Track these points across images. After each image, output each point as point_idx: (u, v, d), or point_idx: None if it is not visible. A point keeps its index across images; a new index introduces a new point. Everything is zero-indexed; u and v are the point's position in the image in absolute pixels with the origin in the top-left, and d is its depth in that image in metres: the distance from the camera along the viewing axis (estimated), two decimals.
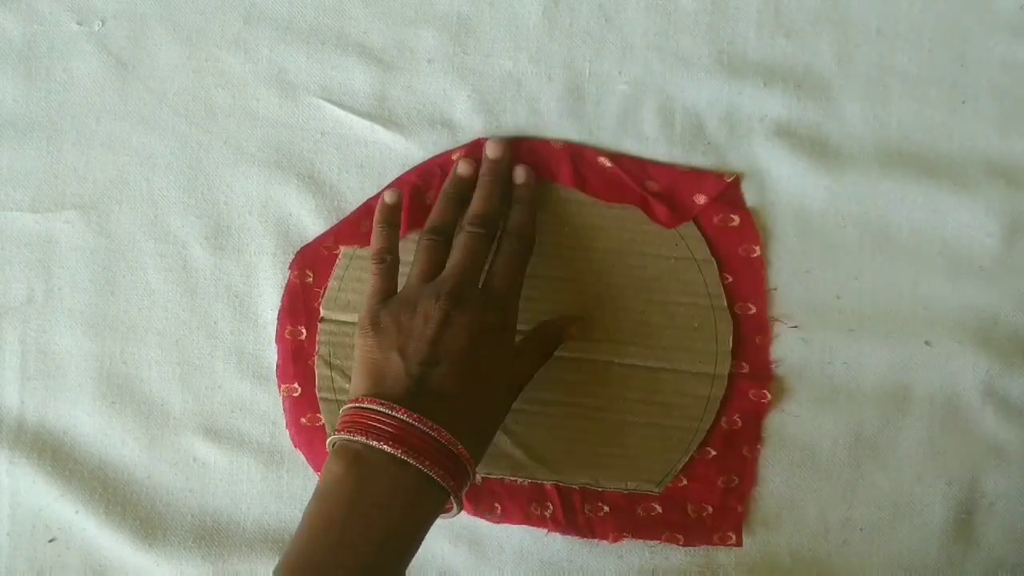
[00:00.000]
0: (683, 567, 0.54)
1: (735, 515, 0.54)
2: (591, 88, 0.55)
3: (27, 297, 0.54)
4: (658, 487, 0.53)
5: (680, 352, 0.54)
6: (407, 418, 0.43)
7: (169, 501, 0.53)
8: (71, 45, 0.55)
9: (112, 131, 0.55)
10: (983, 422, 0.55)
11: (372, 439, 0.43)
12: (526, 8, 0.55)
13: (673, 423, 0.54)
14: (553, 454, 0.53)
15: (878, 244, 0.54)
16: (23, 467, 0.53)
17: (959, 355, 0.54)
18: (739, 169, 0.54)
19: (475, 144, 0.54)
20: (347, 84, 0.55)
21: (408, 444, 0.43)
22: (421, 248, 0.50)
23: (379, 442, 0.43)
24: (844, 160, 0.54)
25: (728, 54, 0.55)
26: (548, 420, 0.53)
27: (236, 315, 0.54)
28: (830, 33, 0.55)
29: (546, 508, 0.53)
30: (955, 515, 0.54)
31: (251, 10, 0.55)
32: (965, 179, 0.55)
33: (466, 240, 0.50)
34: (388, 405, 0.43)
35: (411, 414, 0.43)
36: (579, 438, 0.53)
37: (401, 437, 0.43)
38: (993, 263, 0.55)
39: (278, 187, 0.55)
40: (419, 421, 0.43)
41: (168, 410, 0.54)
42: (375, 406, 0.44)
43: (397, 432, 0.43)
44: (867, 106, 0.55)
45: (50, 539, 0.53)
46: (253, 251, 0.54)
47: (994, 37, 0.55)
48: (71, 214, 0.54)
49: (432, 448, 0.43)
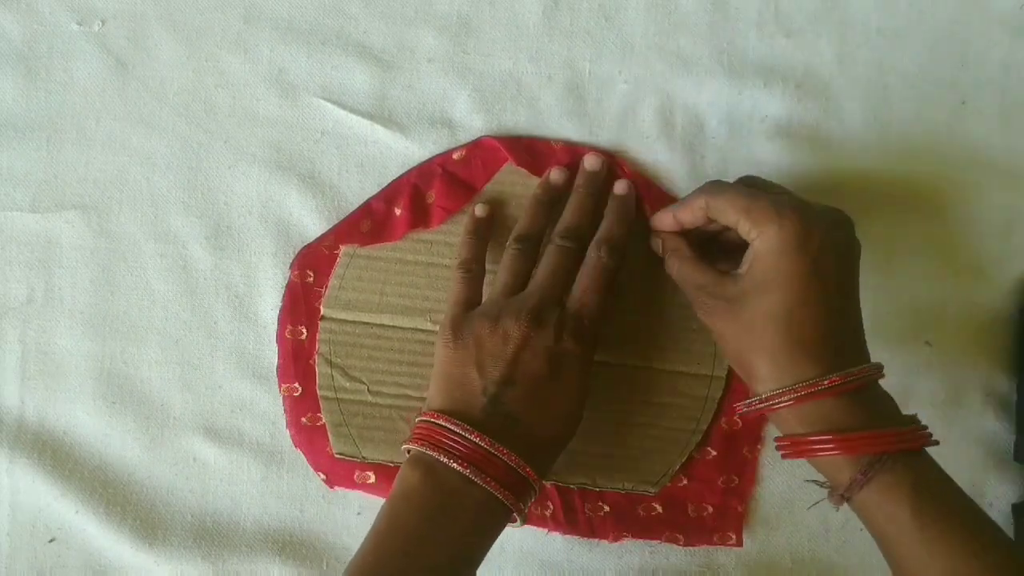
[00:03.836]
0: (683, 567, 0.54)
1: (735, 515, 0.54)
2: (591, 88, 0.55)
3: (27, 297, 0.54)
4: (654, 488, 0.53)
5: (678, 353, 0.54)
6: (479, 441, 0.44)
7: (169, 501, 0.53)
8: (71, 45, 0.55)
9: (112, 131, 0.55)
10: (983, 422, 0.55)
11: (444, 456, 0.44)
12: (526, 8, 0.55)
13: (670, 424, 0.54)
14: None
15: (878, 244, 0.54)
16: (23, 467, 0.53)
17: (959, 355, 0.54)
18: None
19: (477, 143, 0.54)
20: (347, 84, 0.55)
21: (478, 465, 0.44)
22: (507, 257, 0.50)
23: (451, 460, 0.44)
24: (844, 160, 0.55)
25: (728, 54, 0.55)
26: None
27: (236, 315, 0.54)
28: (830, 33, 0.55)
29: (546, 508, 0.53)
30: None
31: (251, 10, 0.55)
32: (965, 179, 0.55)
33: (554, 254, 0.50)
34: (462, 427, 0.45)
35: (483, 437, 0.44)
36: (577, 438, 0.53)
37: (472, 458, 0.44)
38: (993, 263, 0.55)
39: (278, 187, 0.55)
40: (490, 445, 0.44)
41: (168, 410, 0.54)
42: (450, 425, 0.45)
43: (469, 452, 0.44)
44: (867, 106, 0.55)
45: (50, 539, 0.53)
46: (253, 251, 0.54)
47: (994, 37, 0.55)
48: (71, 214, 0.54)
49: (501, 470, 0.44)
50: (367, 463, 0.53)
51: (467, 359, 0.47)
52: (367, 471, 0.53)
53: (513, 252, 0.50)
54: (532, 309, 0.47)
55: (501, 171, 0.54)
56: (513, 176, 0.54)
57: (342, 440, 0.53)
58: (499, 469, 0.44)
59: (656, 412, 0.53)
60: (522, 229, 0.51)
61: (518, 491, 0.45)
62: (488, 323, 0.47)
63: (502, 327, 0.47)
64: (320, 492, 0.54)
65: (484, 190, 0.54)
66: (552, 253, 0.50)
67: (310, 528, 0.54)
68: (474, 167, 0.54)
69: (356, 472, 0.53)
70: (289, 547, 0.53)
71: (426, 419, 0.46)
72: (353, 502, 0.54)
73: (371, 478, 0.53)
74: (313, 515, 0.54)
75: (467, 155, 0.54)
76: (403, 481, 0.45)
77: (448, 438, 0.45)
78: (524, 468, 0.45)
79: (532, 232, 0.51)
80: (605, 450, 0.53)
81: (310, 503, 0.54)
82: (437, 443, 0.45)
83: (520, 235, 0.51)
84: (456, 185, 0.54)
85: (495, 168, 0.54)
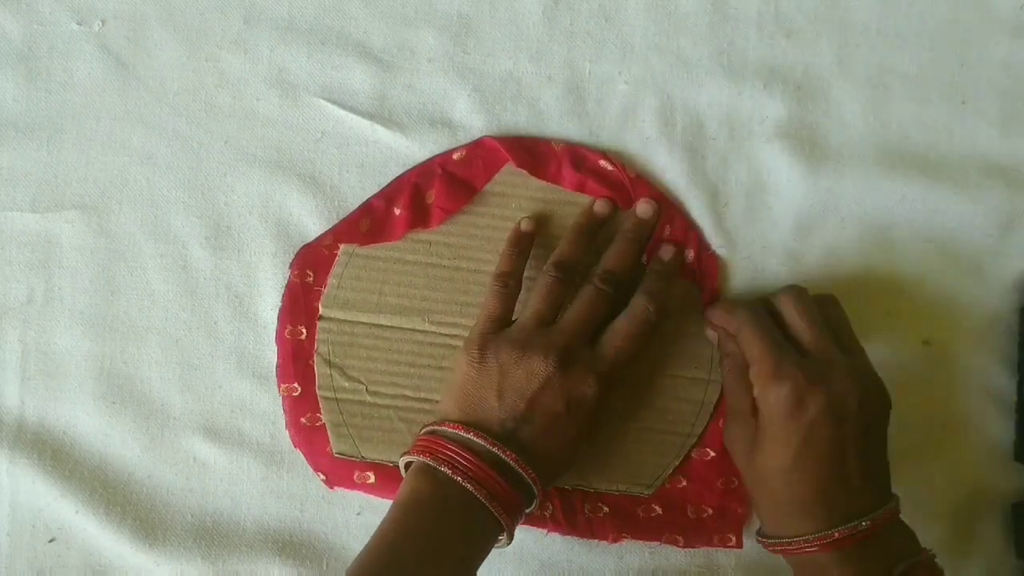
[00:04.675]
0: (683, 567, 0.54)
1: (735, 517, 0.54)
2: (591, 88, 0.55)
3: (27, 297, 0.54)
4: (649, 490, 0.53)
5: (674, 357, 0.53)
6: (500, 453, 0.45)
7: (169, 501, 0.53)
8: (71, 45, 0.55)
9: (112, 131, 0.55)
10: (983, 421, 0.55)
11: (457, 473, 0.45)
12: (526, 8, 0.55)
13: (666, 427, 0.53)
14: None
15: (878, 244, 0.54)
16: (23, 467, 0.53)
17: (959, 355, 0.54)
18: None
19: (477, 143, 0.54)
20: (347, 84, 0.55)
21: (483, 483, 0.45)
22: (543, 284, 0.50)
23: (464, 480, 0.45)
24: (844, 160, 0.55)
25: (728, 54, 0.55)
26: None
27: (236, 315, 0.54)
28: (830, 33, 0.55)
29: (546, 508, 0.53)
30: (955, 515, 0.54)
31: (251, 10, 0.55)
32: (965, 179, 0.55)
33: (591, 295, 0.50)
34: (484, 437, 0.46)
35: (505, 450, 0.45)
36: None
37: (479, 476, 0.45)
38: (992, 263, 0.55)
39: (278, 187, 0.55)
40: (512, 459, 0.45)
41: (168, 410, 0.54)
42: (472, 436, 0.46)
43: (476, 471, 0.45)
44: (867, 106, 0.55)
45: (50, 539, 0.53)
46: (253, 251, 0.54)
47: (994, 37, 0.55)
48: (71, 214, 0.54)
49: (503, 491, 0.45)
50: (366, 463, 0.53)
51: (489, 385, 0.47)
52: (367, 471, 0.53)
53: (550, 280, 0.50)
54: (562, 350, 0.47)
55: (501, 172, 0.54)
56: (513, 177, 0.54)
57: (342, 440, 0.53)
58: (501, 490, 0.45)
59: (652, 415, 0.53)
60: (562, 256, 0.51)
61: (512, 512, 0.46)
62: (516, 353, 0.47)
63: (528, 362, 0.47)
64: (320, 492, 0.54)
65: (484, 191, 0.54)
66: (589, 294, 0.50)
67: (310, 528, 0.54)
68: (474, 167, 0.54)
69: (356, 472, 0.53)
70: (289, 547, 0.53)
71: (443, 429, 0.47)
72: (353, 502, 0.54)
73: (371, 478, 0.53)
74: (313, 515, 0.54)
75: (467, 155, 0.54)
76: (408, 491, 0.46)
77: (461, 455, 0.45)
78: (537, 484, 0.46)
79: (572, 261, 0.51)
80: (600, 452, 0.53)
81: (310, 503, 0.54)
82: (450, 459, 0.45)
83: (559, 262, 0.51)
84: (456, 185, 0.54)
85: (495, 168, 0.54)
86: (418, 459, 0.46)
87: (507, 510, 0.45)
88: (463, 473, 0.45)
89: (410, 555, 0.44)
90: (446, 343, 0.53)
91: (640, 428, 0.53)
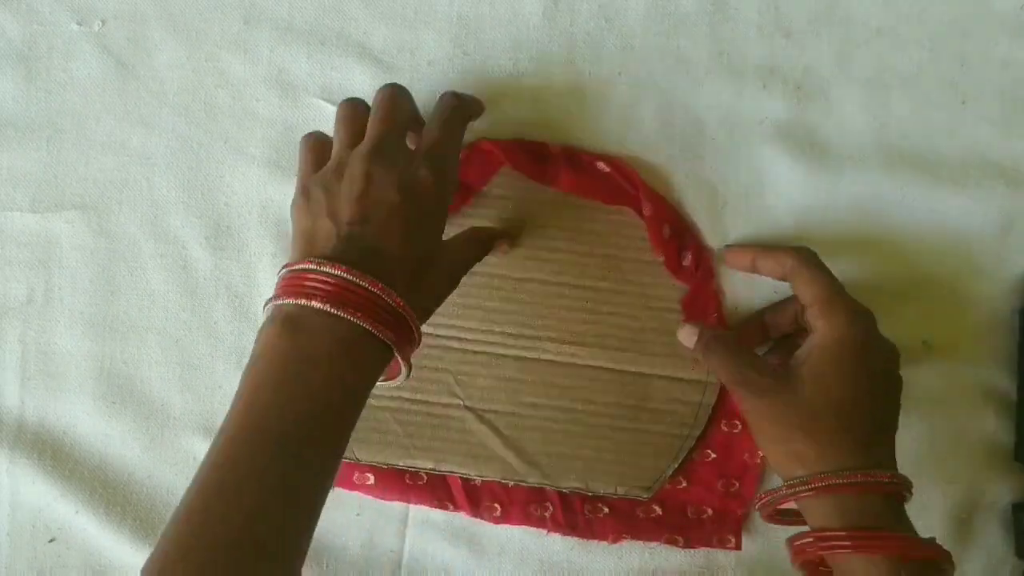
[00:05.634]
0: (683, 568, 0.54)
1: (735, 518, 0.54)
2: (591, 88, 0.55)
3: (27, 297, 0.54)
4: (647, 492, 0.53)
5: (673, 358, 0.53)
6: (337, 271, 0.41)
7: (169, 501, 0.53)
8: (71, 45, 0.55)
9: (112, 131, 0.55)
10: (983, 422, 0.55)
11: (303, 299, 0.41)
12: (526, 8, 0.55)
13: (665, 429, 0.53)
14: (544, 458, 0.53)
15: (878, 244, 0.54)
16: (23, 467, 0.53)
17: (959, 355, 0.54)
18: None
19: (474, 146, 0.54)
20: (347, 84, 0.55)
21: (340, 299, 0.41)
22: (341, 117, 0.48)
23: (310, 300, 0.41)
24: (844, 160, 0.54)
25: (728, 54, 0.55)
26: (540, 424, 0.53)
27: (236, 315, 0.54)
28: (830, 33, 0.55)
29: (546, 509, 0.53)
30: (955, 515, 0.54)
31: (251, 10, 0.55)
32: (965, 179, 0.55)
33: (387, 93, 0.48)
34: (317, 262, 0.41)
35: (339, 266, 0.41)
36: (571, 443, 0.53)
37: (333, 293, 0.41)
38: (992, 263, 0.55)
39: (278, 187, 0.55)
40: (348, 272, 0.41)
41: (168, 410, 0.54)
42: (305, 265, 0.42)
43: (330, 289, 0.41)
44: (867, 106, 0.55)
45: (50, 539, 0.53)
46: (253, 251, 0.55)
47: (994, 37, 0.55)
48: (71, 214, 0.54)
49: (367, 301, 0.41)
50: (363, 464, 0.53)
51: (318, 210, 0.44)
52: (366, 472, 0.53)
53: (346, 107, 0.48)
54: (376, 146, 0.45)
55: (498, 173, 0.54)
56: (510, 179, 0.54)
57: None
58: (364, 299, 0.41)
59: (650, 417, 0.53)
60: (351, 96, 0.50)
61: (392, 326, 0.42)
62: (335, 174, 0.45)
63: (349, 171, 0.44)
64: None
65: (482, 192, 0.54)
66: (384, 94, 0.48)
67: None
68: (471, 169, 0.54)
69: (355, 473, 0.53)
70: None
71: (283, 270, 0.43)
72: (353, 502, 0.54)
73: (370, 479, 0.53)
74: None
75: (464, 157, 0.54)
76: (258, 341, 0.42)
77: (306, 278, 0.41)
78: (392, 296, 0.42)
79: None
80: (598, 454, 0.53)
81: None
82: (296, 288, 0.41)
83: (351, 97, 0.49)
84: None
85: (493, 170, 0.54)
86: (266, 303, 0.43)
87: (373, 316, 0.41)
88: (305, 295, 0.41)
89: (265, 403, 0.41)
90: (443, 345, 0.53)
91: (639, 431, 0.53)
